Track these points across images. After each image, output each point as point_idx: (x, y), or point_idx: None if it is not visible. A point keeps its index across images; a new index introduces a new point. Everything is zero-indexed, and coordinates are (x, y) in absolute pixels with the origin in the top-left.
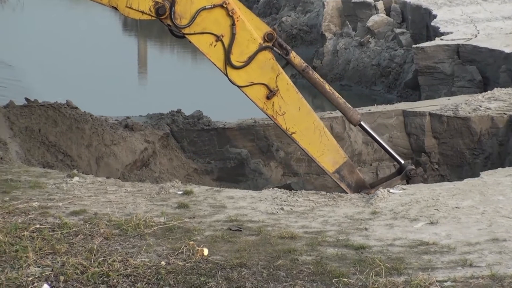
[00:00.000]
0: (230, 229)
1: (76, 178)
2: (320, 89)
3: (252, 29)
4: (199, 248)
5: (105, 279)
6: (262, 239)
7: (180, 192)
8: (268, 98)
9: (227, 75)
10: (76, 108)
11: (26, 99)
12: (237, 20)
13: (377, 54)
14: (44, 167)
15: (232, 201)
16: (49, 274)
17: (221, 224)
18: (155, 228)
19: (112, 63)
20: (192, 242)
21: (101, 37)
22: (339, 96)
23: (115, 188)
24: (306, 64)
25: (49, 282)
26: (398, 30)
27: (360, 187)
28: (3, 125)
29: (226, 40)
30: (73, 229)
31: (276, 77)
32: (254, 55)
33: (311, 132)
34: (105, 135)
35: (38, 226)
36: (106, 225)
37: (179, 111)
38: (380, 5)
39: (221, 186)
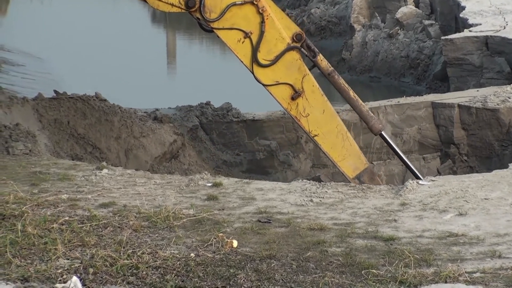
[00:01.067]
0: (260, 221)
1: (105, 171)
2: (344, 95)
3: (281, 28)
4: (229, 240)
5: (134, 271)
6: (291, 231)
7: (210, 184)
8: (292, 98)
9: (253, 73)
10: (105, 100)
11: (55, 91)
12: (267, 18)
13: (406, 45)
14: (73, 160)
15: (261, 193)
16: (78, 266)
17: (250, 216)
18: (184, 220)
19: (141, 55)
20: (221, 234)
21: (130, 30)
22: (363, 103)
23: (144, 180)
24: (332, 68)
25: (78, 275)
26: (427, 22)
27: None
28: (32, 117)
29: (254, 38)
30: (102, 221)
31: (302, 78)
32: (282, 54)
33: (334, 136)
34: (134, 127)
35: (67, 218)
36: (136, 217)
37: (208, 103)
38: None
39: (250, 178)
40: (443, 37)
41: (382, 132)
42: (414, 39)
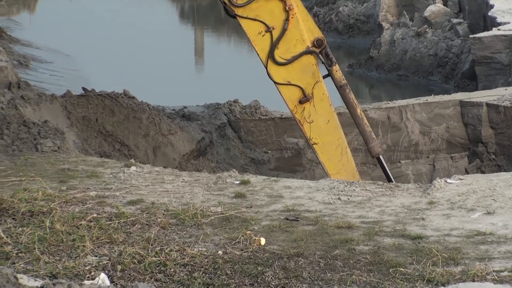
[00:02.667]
0: (287, 219)
1: (133, 168)
2: (351, 110)
3: (304, 30)
4: (256, 238)
5: (162, 268)
6: (319, 229)
7: (237, 182)
8: (300, 102)
9: (266, 68)
10: (133, 97)
11: (84, 88)
12: (292, 17)
13: (434, 44)
14: (101, 157)
15: (289, 191)
16: (106, 263)
17: (278, 214)
18: (212, 217)
19: (169, 53)
20: (249, 232)
21: (158, 26)
22: (367, 123)
23: (172, 177)
24: (346, 82)
25: (106, 271)
26: (455, 20)
27: None
28: (60, 114)
29: (275, 33)
30: (130, 219)
31: (314, 84)
32: (299, 56)
33: (333, 148)
34: (162, 125)
35: (95, 215)
36: (163, 214)
37: (236, 101)
38: None
39: (278, 176)
40: (471, 36)
41: (380, 156)
42: (442, 38)
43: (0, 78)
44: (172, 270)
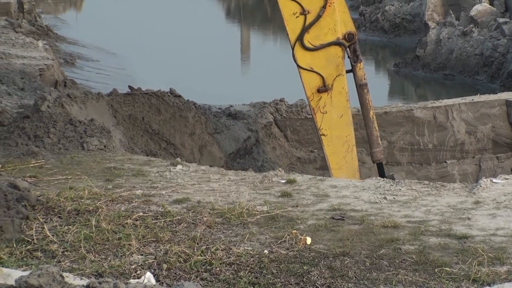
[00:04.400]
0: (333, 218)
1: (179, 167)
2: (364, 111)
3: (339, 21)
4: (302, 237)
5: (208, 267)
6: (365, 228)
7: (283, 181)
8: (318, 91)
9: (293, 49)
10: (180, 96)
11: (130, 87)
12: (329, 5)
13: (480, 43)
14: (147, 155)
15: (335, 190)
16: (152, 262)
17: (324, 213)
18: (258, 216)
19: (215, 50)
20: (295, 231)
21: (204, 25)
22: (376, 128)
23: (218, 176)
24: (366, 82)
25: (152, 270)
26: (501, 20)
27: None
28: (106, 113)
29: (309, 18)
30: (176, 217)
31: (336, 76)
32: (327, 45)
33: (340, 144)
34: (208, 124)
35: (141, 214)
36: (209, 213)
37: (282, 100)
38: None
39: (324, 175)
40: None
41: (381, 163)
42: (488, 37)
43: (47, 76)
44: (217, 269)
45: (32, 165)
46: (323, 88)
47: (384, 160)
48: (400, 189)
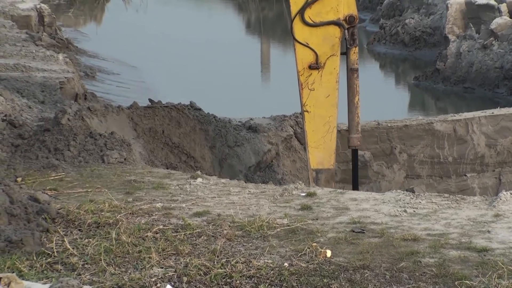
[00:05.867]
0: (353, 231)
1: (199, 179)
2: (350, 96)
3: (342, 2)
4: (322, 250)
5: (228, 280)
6: (385, 241)
7: (303, 194)
8: (310, 67)
9: (292, 22)
10: (200, 109)
11: (150, 100)
12: None
13: (501, 56)
14: (167, 168)
15: (355, 203)
16: (172, 275)
17: (344, 226)
18: (278, 229)
19: (235, 63)
20: (315, 244)
21: (224, 37)
22: (359, 115)
23: (238, 189)
24: (358, 66)
25: (172, 283)
26: None
27: None
28: (127, 126)
29: None
30: (196, 230)
31: (330, 56)
32: (327, 23)
33: (322, 123)
34: (228, 137)
35: (161, 227)
36: (229, 226)
37: None
38: (503, 7)
39: (344, 188)
40: None
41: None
42: (509, 50)
43: (67, 89)
44: (238, 282)
45: (52, 178)
46: (315, 65)
47: (358, 148)
48: (420, 202)
